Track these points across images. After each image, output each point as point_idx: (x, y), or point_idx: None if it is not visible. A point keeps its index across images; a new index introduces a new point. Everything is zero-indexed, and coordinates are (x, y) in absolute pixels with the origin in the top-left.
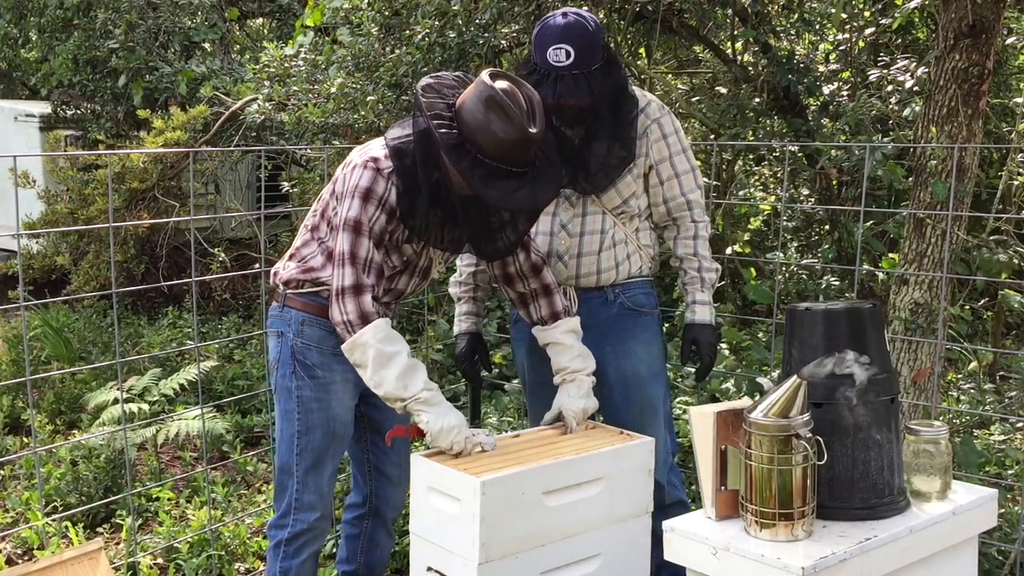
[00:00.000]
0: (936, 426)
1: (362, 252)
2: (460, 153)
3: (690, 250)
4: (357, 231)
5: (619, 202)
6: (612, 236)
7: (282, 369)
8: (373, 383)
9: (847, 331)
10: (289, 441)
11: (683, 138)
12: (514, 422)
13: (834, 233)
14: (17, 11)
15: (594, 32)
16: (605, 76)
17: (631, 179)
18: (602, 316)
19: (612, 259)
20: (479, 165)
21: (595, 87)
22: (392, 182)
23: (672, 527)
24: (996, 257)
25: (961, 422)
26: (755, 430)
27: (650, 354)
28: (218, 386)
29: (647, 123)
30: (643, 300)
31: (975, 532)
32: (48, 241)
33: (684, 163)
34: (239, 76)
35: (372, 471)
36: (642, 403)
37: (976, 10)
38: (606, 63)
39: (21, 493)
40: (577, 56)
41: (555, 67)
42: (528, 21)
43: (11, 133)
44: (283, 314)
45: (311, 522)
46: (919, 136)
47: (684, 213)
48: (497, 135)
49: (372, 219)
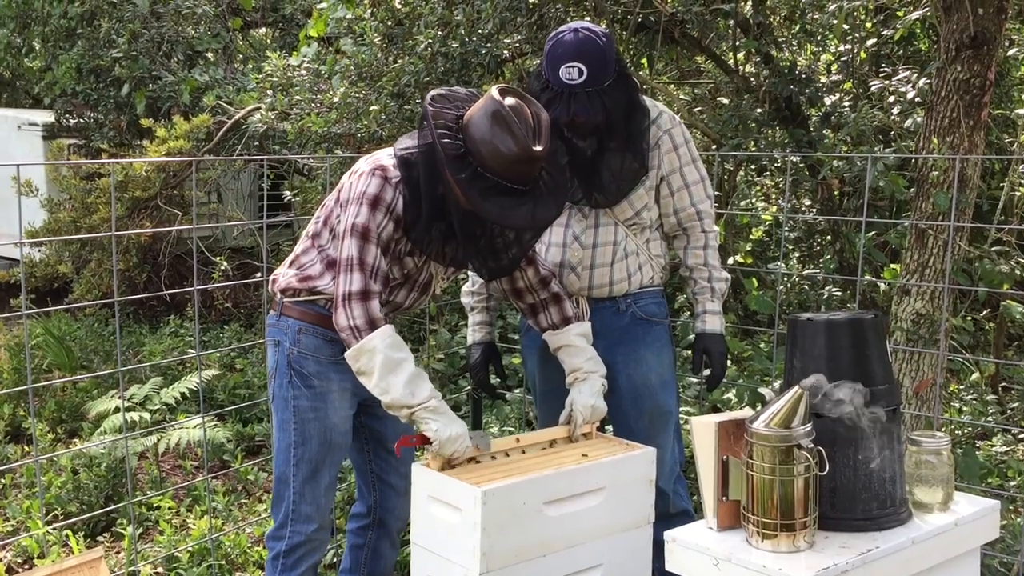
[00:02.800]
0: (938, 437)
1: (369, 258)
2: (461, 165)
3: (700, 260)
4: (365, 237)
5: (631, 214)
6: (624, 247)
7: (279, 379)
8: (379, 390)
9: (849, 342)
10: (286, 451)
11: (693, 148)
12: (515, 431)
13: (836, 244)
14: (21, 20)
15: (606, 47)
16: (618, 91)
17: (643, 191)
18: (614, 325)
19: (624, 270)
20: (479, 178)
21: (608, 104)
22: (399, 191)
23: (674, 537)
24: (998, 268)
25: (963, 433)
26: (757, 440)
27: (661, 363)
28: (219, 395)
29: (659, 134)
30: (654, 310)
31: (977, 543)
32: (51, 249)
33: (695, 173)
34: (242, 86)
35: (376, 481)
36: (652, 411)
37: (978, 22)
38: (619, 77)
39: (22, 501)
40: (590, 74)
41: (568, 85)
42: (530, 31)
43: (14, 142)
44: (280, 323)
45: (309, 534)
46: (921, 147)
47: (695, 223)
48: (499, 150)
49: (380, 226)
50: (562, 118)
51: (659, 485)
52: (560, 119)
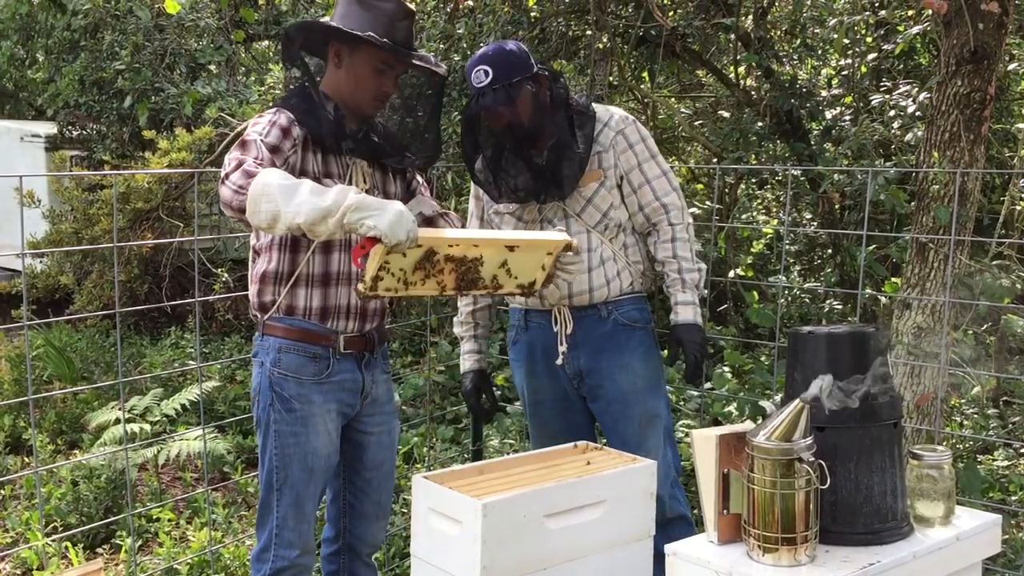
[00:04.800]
0: (939, 451)
1: (251, 153)
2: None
3: (668, 253)
4: (243, 145)
5: (599, 216)
6: (600, 254)
7: (261, 401)
8: (292, 217)
9: (850, 355)
10: (268, 476)
11: (652, 145)
12: (516, 444)
13: (836, 257)
14: (25, 32)
15: (512, 52)
16: (531, 87)
17: (604, 191)
18: (597, 332)
19: (603, 276)
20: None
21: (515, 95)
22: (285, 115)
23: (674, 551)
24: (999, 282)
25: (964, 447)
26: (758, 454)
27: (647, 367)
28: (220, 406)
29: (611, 135)
30: (636, 315)
31: (979, 558)
32: (52, 260)
33: (654, 168)
34: (244, 98)
35: (347, 508)
36: (641, 416)
37: (978, 36)
38: (531, 77)
39: (21, 513)
40: (495, 74)
41: (476, 87)
42: (532, 45)
43: (17, 153)
44: (263, 343)
45: (292, 559)
46: (921, 161)
47: (661, 217)
48: (383, 11)
49: (263, 133)
50: (477, 114)
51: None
52: (474, 115)
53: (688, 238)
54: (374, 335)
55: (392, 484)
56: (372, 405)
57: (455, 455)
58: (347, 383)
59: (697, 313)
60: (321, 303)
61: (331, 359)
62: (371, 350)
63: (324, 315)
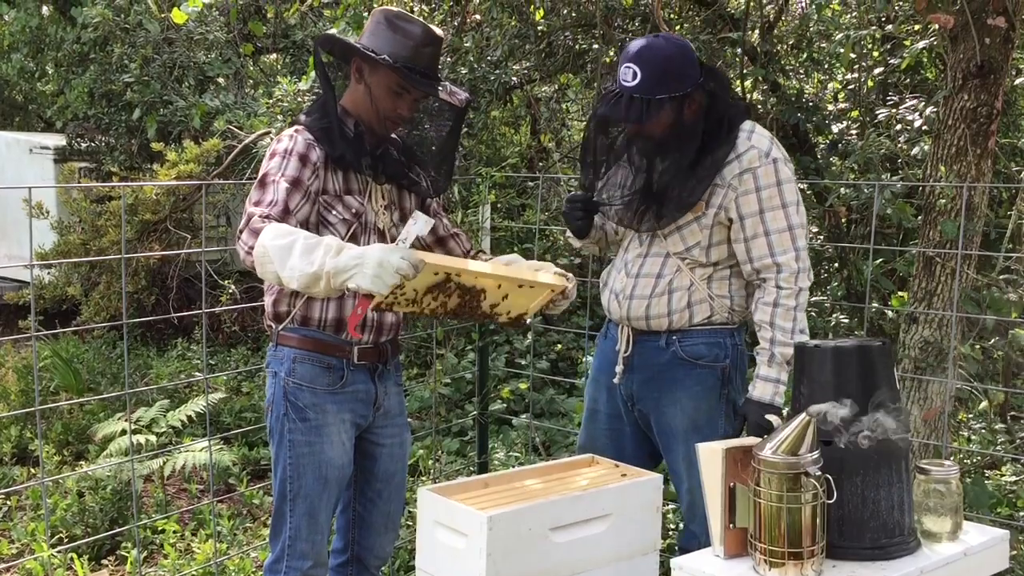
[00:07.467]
0: (947, 466)
1: (267, 197)
2: (371, 60)
3: (766, 318)
4: (262, 185)
5: (681, 248)
6: (669, 282)
7: (275, 411)
8: (286, 279)
9: (856, 369)
10: (281, 486)
11: (788, 193)
12: (521, 457)
13: (843, 271)
14: (34, 45)
15: (670, 61)
16: (675, 107)
17: (696, 227)
18: (654, 361)
19: (664, 306)
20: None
21: (653, 115)
22: (303, 137)
23: (680, 565)
24: (1006, 296)
25: (972, 462)
26: (764, 468)
27: (697, 408)
28: (226, 418)
29: (736, 171)
30: (703, 351)
31: (987, 574)
32: (60, 272)
33: (779, 220)
34: (252, 110)
35: (356, 519)
36: (685, 455)
37: (984, 50)
38: (681, 97)
39: (27, 524)
40: (641, 84)
41: (620, 84)
42: (539, 59)
43: (26, 165)
44: (277, 352)
45: (305, 570)
46: (928, 175)
47: (770, 276)
48: (408, 34)
49: (281, 168)
50: (603, 114)
51: (691, 528)
52: (600, 115)
53: (793, 306)
54: (387, 347)
55: (403, 496)
56: (384, 417)
57: (460, 467)
58: (360, 394)
59: (778, 392)
60: (336, 314)
61: (345, 370)
62: (384, 362)
63: (339, 326)
